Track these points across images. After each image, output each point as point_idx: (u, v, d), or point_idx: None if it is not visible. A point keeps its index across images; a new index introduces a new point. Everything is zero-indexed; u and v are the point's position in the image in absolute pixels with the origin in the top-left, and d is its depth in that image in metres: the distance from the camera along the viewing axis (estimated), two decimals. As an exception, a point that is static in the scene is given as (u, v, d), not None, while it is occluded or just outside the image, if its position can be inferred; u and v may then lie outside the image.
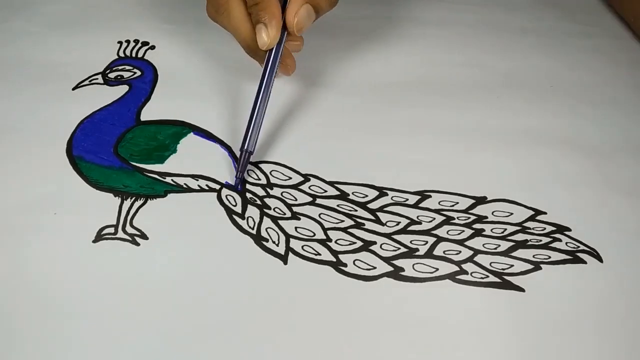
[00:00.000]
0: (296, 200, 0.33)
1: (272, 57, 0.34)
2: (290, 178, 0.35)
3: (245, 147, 0.33)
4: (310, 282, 0.30)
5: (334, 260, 0.31)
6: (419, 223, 0.33)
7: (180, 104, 0.38)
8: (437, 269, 0.31)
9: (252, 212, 0.33)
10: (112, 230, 0.31)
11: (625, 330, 0.29)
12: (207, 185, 0.34)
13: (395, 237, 0.32)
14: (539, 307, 0.29)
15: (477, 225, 0.33)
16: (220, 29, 0.37)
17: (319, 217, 0.33)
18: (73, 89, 0.39)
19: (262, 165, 0.35)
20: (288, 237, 0.32)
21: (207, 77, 0.41)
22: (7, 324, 0.27)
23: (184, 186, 0.34)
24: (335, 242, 0.32)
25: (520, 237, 0.32)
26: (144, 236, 0.31)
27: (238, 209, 0.33)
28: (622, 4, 0.48)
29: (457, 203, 0.34)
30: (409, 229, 0.32)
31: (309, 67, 0.42)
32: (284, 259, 0.31)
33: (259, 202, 0.33)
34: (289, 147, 0.36)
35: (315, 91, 0.40)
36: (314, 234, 0.32)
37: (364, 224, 0.33)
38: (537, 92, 0.42)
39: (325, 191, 0.34)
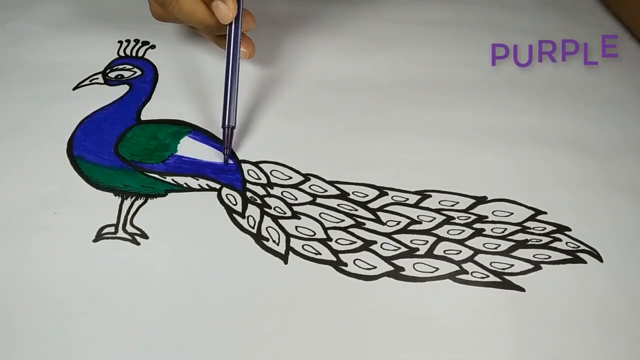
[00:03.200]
0: (296, 199, 0.33)
1: (233, 30, 0.36)
2: (291, 178, 0.34)
3: (227, 124, 0.35)
4: (310, 282, 0.30)
5: (335, 259, 0.31)
6: (420, 223, 0.33)
7: (180, 103, 0.38)
8: (438, 269, 0.31)
9: (253, 211, 0.33)
10: (112, 229, 0.31)
11: (625, 330, 0.29)
12: (207, 184, 0.34)
13: (395, 236, 0.32)
14: (539, 307, 0.29)
15: (478, 225, 0.33)
16: None
17: (320, 216, 0.33)
18: (73, 89, 0.39)
19: (262, 165, 0.35)
20: (288, 236, 0.32)
21: (207, 76, 0.41)
22: (7, 324, 0.27)
23: (184, 185, 0.34)
24: (336, 241, 0.32)
25: (520, 236, 0.32)
26: (144, 235, 0.31)
27: (238, 208, 0.33)
28: (619, 7, 0.48)
29: (458, 203, 0.34)
30: (410, 228, 0.32)
31: (310, 68, 0.42)
32: (284, 258, 0.31)
33: (259, 201, 0.33)
34: (289, 147, 0.36)
35: (315, 91, 0.40)
36: (315, 234, 0.32)
37: (364, 224, 0.33)
38: (537, 92, 0.42)
39: (326, 191, 0.34)
